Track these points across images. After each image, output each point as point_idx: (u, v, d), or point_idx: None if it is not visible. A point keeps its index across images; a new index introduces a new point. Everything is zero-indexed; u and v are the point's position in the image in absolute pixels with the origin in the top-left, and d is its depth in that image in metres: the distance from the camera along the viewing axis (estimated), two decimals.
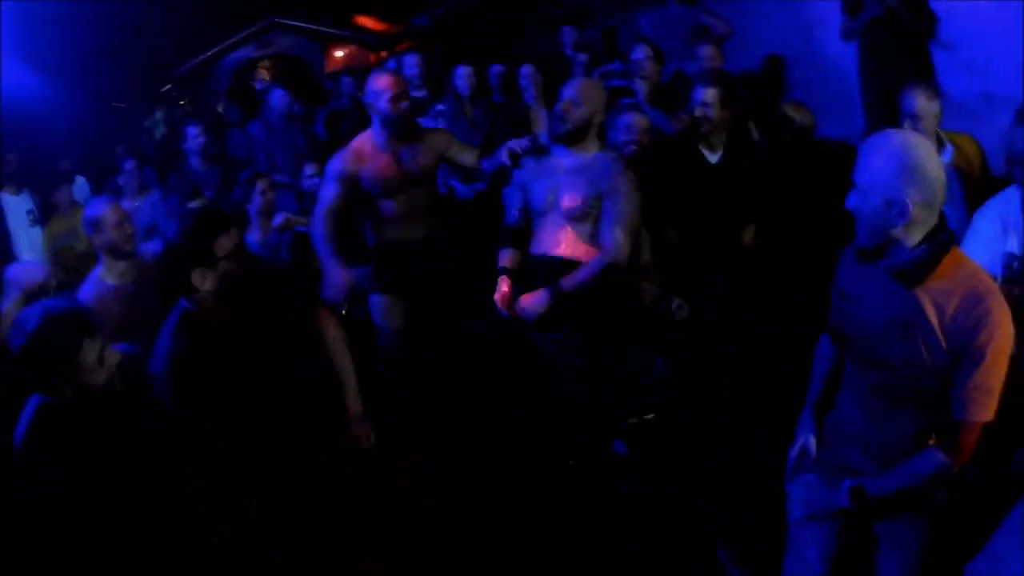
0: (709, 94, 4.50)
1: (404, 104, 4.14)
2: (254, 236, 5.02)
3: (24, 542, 2.50)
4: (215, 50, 13.25)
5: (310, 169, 5.66)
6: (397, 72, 5.73)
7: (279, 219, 5.10)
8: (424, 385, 4.60)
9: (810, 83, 6.46)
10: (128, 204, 5.92)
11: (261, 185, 5.03)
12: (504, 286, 3.95)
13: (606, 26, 8.62)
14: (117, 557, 2.57)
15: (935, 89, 4.24)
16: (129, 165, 6.27)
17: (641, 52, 5.70)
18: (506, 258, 4.09)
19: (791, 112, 5.22)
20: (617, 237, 3.77)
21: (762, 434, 3.76)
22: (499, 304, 3.91)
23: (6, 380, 2.92)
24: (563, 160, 3.93)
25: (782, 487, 2.81)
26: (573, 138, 3.88)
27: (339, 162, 4.24)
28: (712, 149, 4.63)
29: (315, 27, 13.22)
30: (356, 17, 13.19)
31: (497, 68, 6.97)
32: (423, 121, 5.82)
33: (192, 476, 2.81)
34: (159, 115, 10.82)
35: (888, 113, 5.46)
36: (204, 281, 2.89)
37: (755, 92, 6.34)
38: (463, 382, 4.60)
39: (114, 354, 2.60)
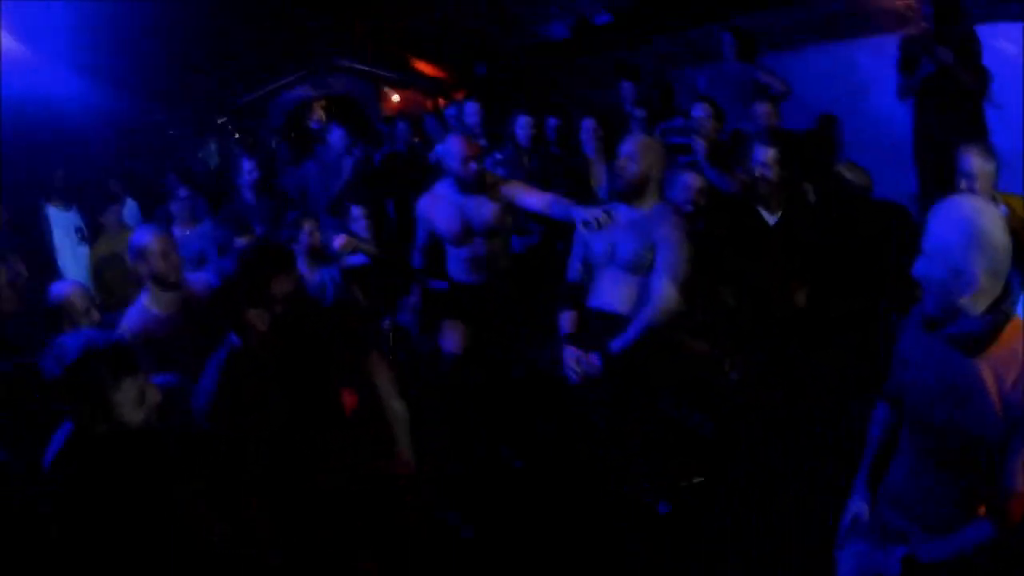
0: (768, 154, 4.49)
1: (474, 165, 4.56)
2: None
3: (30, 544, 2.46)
4: (272, 86, 13.31)
5: (357, 211, 5.61)
6: (468, 133, 5.79)
7: (341, 239, 5.09)
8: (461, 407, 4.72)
9: (863, 142, 6.35)
10: (179, 232, 5.96)
11: (308, 226, 5.05)
12: (570, 354, 3.97)
13: (663, 81, 8.57)
14: (118, 556, 2.48)
15: (991, 149, 4.21)
16: (183, 193, 6.25)
17: (701, 110, 5.72)
18: (569, 323, 4.12)
19: (847, 173, 5.15)
20: (666, 285, 3.79)
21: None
22: (568, 371, 3.95)
23: (38, 403, 2.82)
24: (622, 215, 4.00)
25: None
26: (630, 194, 3.96)
27: (420, 206, 4.84)
28: (770, 209, 4.60)
29: (372, 70, 13.27)
30: (413, 61, 13.26)
31: (555, 122, 7.00)
32: None
33: (192, 476, 2.69)
34: (213, 147, 10.89)
35: (943, 172, 5.41)
36: (260, 321, 2.83)
37: (809, 152, 6.25)
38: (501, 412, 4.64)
39: (155, 391, 2.50)
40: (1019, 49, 5.63)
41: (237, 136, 13.02)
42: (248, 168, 6.20)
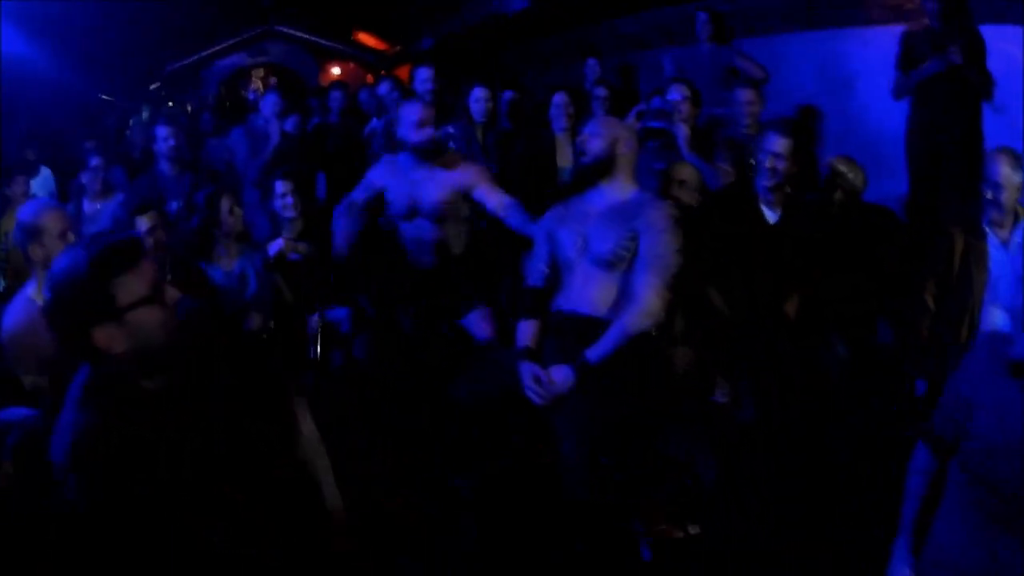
0: (783, 144, 3.93)
1: (429, 130, 4.18)
2: (220, 267, 4.38)
3: None
4: (207, 52, 12.64)
5: (281, 187, 4.83)
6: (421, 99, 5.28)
7: (277, 245, 4.42)
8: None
9: (844, 138, 5.98)
10: (89, 207, 5.50)
11: (227, 203, 4.35)
12: (527, 371, 3.33)
13: (624, 63, 8.03)
14: None
15: (1020, 158, 3.75)
16: (95, 162, 5.65)
17: (678, 92, 5.16)
18: (528, 334, 3.50)
19: (842, 168, 4.64)
20: (651, 284, 3.24)
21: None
22: (528, 391, 3.31)
23: None
24: (594, 203, 3.47)
25: None
26: (595, 172, 3.44)
27: (373, 173, 4.43)
28: (771, 206, 4.06)
29: (312, 38, 12.64)
30: (356, 33, 12.68)
31: (510, 95, 6.47)
32: None
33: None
34: (146, 114, 10.23)
35: (937, 175, 5.34)
36: (112, 341, 1.89)
37: None
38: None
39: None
40: (1020, 52, 5.26)
41: (170, 104, 12.46)
42: (163, 135, 5.47)
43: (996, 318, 3.71)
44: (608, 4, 7.78)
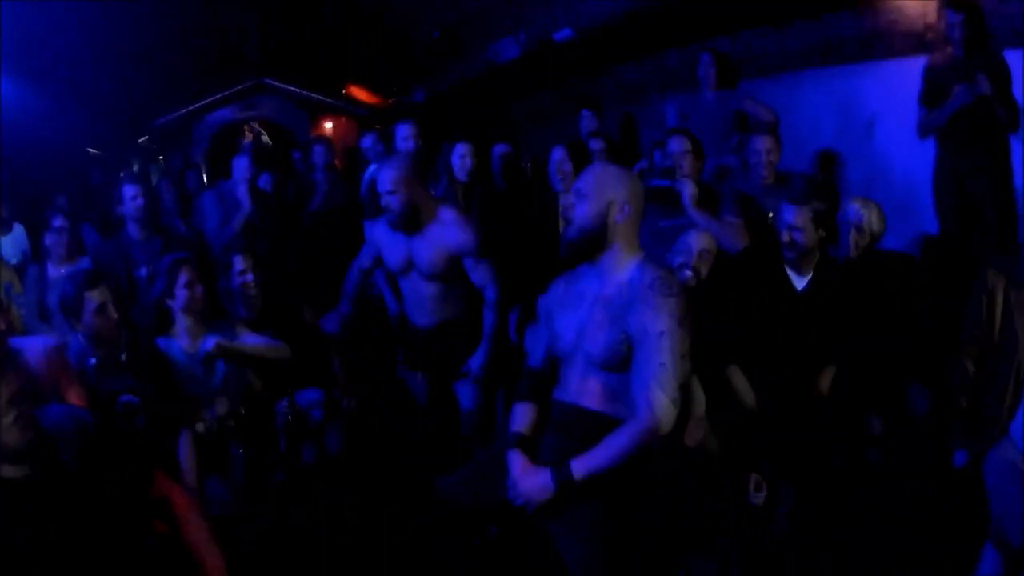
0: (800, 216, 3.48)
1: (395, 199, 3.91)
2: (180, 343, 3.89)
3: None
4: (198, 105, 12.38)
5: (240, 263, 4.33)
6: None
7: (209, 343, 3.92)
8: None
9: (866, 183, 5.50)
10: (53, 271, 5.06)
11: (185, 275, 3.86)
12: (517, 463, 2.79)
13: (625, 113, 7.60)
14: None
15: None
16: (58, 222, 5.17)
17: (679, 144, 4.69)
18: (523, 419, 2.94)
19: (873, 219, 4.17)
20: (653, 399, 2.61)
21: None
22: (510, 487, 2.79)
23: None
24: (590, 285, 2.82)
25: None
26: (580, 250, 2.79)
27: (375, 227, 4.27)
28: (799, 271, 3.59)
29: (304, 93, 12.38)
30: (349, 87, 12.46)
31: (502, 148, 5.98)
32: None
33: None
34: (136, 168, 9.89)
35: (970, 220, 4.94)
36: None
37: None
38: None
39: None
40: None
41: (160, 159, 12.14)
42: (131, 195, 4.99)
43: None
44: (606, 51, 7.34)
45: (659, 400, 2.60)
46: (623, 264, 2.76)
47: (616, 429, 2.63)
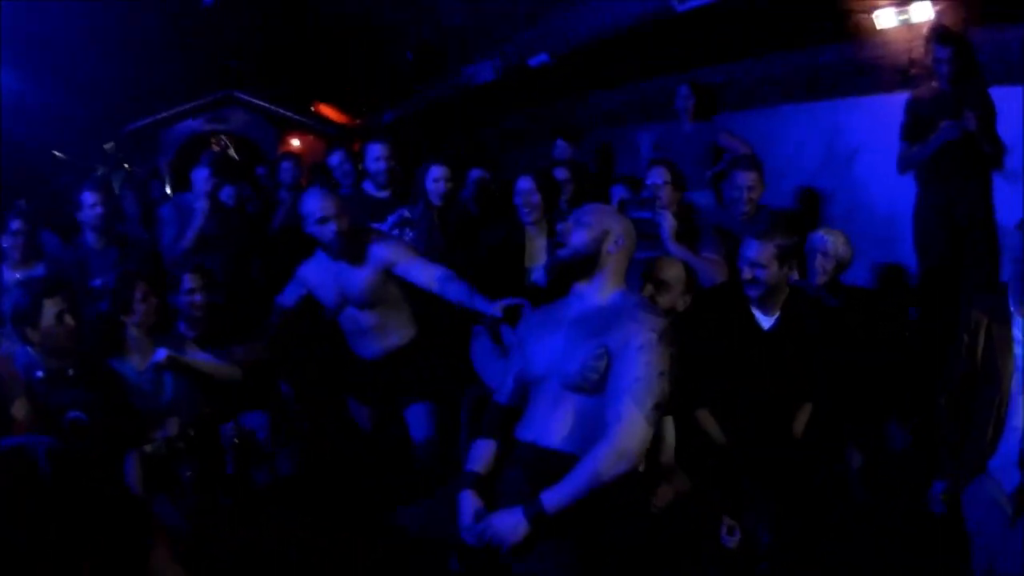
0: (763, 252, 3.35)
1: (333, 227, 3.81)
2: (132, 363, 3.74)
3: None
4: (166, 114, 12.17)
5: (189, 282, 4.27)
6: (375, 183, 5.05)
7: (161, 355, 3.74)
8: None
9: (846, 219, 5.45)
10: (9, 276, 4.80)
11: (141, 288, 3.70)
12: (469, 505, 2.72)
13: (601, 141, 7.50)
14: None
15: None
16: (15, 225, 4.92)
17: (659, 175, 4.54)
18: (480, 459, 2.88)
19: (841, 249, 4.18)
20: (627, 416, 2.54)
21: None
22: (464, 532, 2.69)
23: None
24: (572, 308, 2.84)
25: None
26: (569, 271, 2.83)
27: (304, 267, 4.12)
28: (765, 310, 3.43)
29: (272, 108, 12.20)
30: (318, 105, 12.32)
31: (477, 173, 5.83)
32: (383, 226, 4.87)
33: None
34: (100, 174, 9.73)
35: (953, 256, 4.88)
36: None
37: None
38: None
39: None
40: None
41: (126, 167, 11.89)
42: (89, 202, 4.85)
43: None
44: (582, 77, 7.24)
45: (631, 415, 2.53)
46: (606, 292, 2.80)
47: (585, 455, 2.54)
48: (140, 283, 3.76)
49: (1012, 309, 3.07)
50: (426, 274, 3.79)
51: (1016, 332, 3.04)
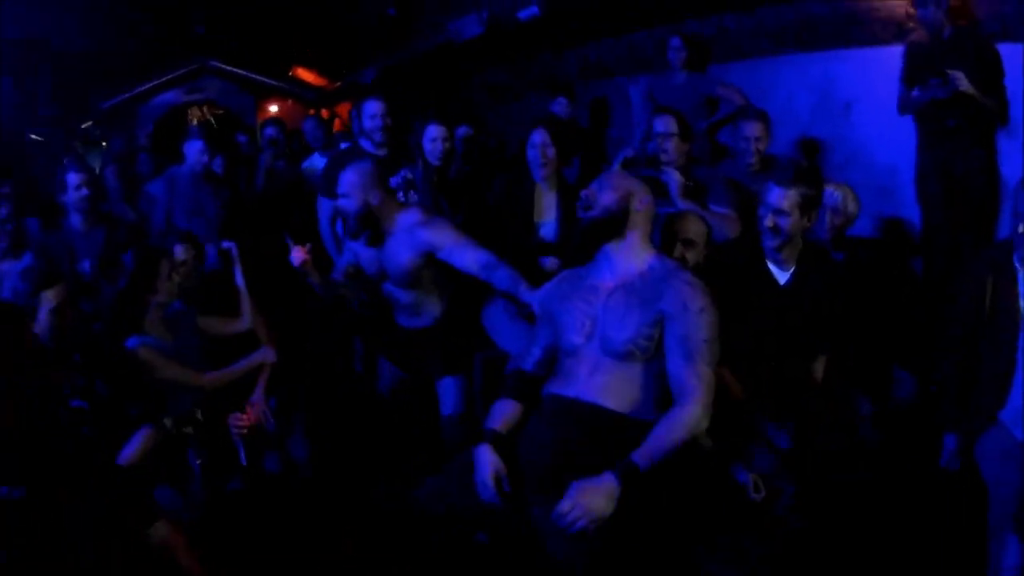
0: (787, 199, 3.18)
1: (350, 203, 3.73)
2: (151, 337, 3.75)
3: None
4: (142, 88, 11.95)
5: (181, 253, 4.29)
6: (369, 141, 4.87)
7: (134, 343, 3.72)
8: None
9: (843, 169, 5.41)
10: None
11: (167, 265, 3.79)
12: (486, 460, 2.73)
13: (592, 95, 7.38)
14: None
15: None
16: (2, 212, 4.91)
17: (664, 124, 4.43)
18: (502, 417, 2.89)
19: (850, 204, 4.16)
20: (700, 377, 2.67)
21: None
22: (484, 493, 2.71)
23: None
24: (604, 277, 2.89)
25: None
26: (604, 230, 2.87)
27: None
28: (780, 264, 3.36)
29: (249, 75, 12.01)
30: (295, 69, 12.14)
31: (464, 131, 5.75)
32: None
33: None
34: (79, 154, 9.52)
35: (955, 211, 4.87)
36: None
37: None
38: None
39: None
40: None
41: (104, 144, 11.72)
42: (74, 183, 4.70)
43: None
44: (572, 30, 7.11)
45: (707, 375, 2.65)
46: (640, 255, 2.86)
47: (665, 415, 2.62)
48: (164, 260, 3.79)
49: (1016, 265, 3.07)
50: (471, 259, 3.70)
51: (1020, 287, 3.05)
